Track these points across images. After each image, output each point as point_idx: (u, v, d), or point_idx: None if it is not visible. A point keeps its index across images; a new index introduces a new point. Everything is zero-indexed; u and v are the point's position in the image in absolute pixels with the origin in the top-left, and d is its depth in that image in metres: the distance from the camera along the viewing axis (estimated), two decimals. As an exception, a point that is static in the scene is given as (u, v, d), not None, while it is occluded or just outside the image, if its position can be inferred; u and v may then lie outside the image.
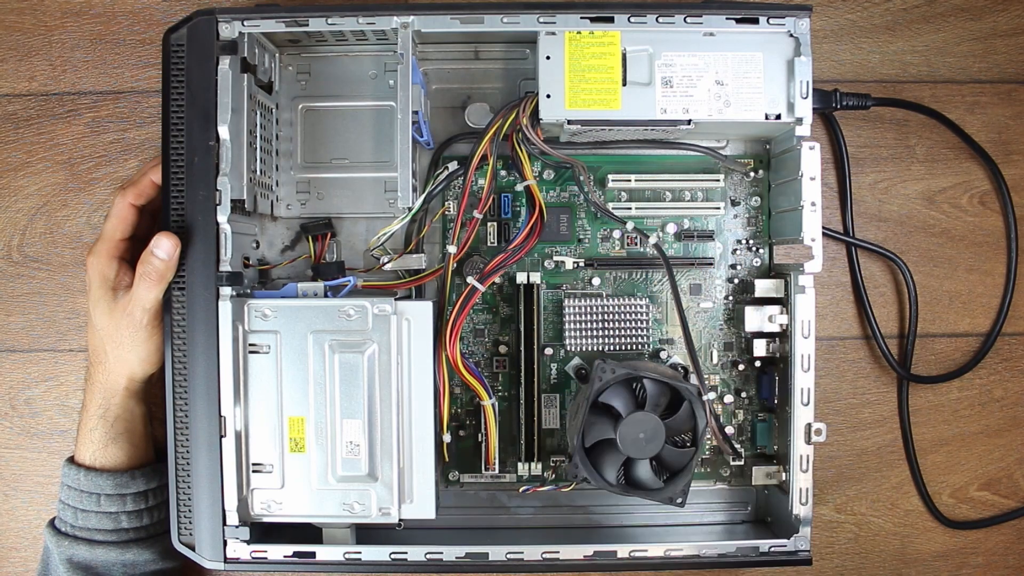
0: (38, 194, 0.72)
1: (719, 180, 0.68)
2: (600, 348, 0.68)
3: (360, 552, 0.61)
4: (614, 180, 0.67)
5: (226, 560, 0.61)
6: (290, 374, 0.60)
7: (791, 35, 0.61)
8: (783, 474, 0.66)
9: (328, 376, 0.60)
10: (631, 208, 0.68)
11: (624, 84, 0.60)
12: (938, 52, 0.72)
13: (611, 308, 0.67)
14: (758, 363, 0.69)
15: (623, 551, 0.62)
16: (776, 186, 0.68)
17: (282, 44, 0.67)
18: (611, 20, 0.60)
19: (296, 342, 0.60)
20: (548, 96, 0.60)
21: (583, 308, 0.67)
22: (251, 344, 0.60)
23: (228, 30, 0.60)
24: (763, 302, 0.66)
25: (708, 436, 0.63)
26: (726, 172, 0.68)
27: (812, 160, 0.61)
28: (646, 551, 0.62)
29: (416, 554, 0.61)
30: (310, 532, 0.63)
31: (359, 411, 0.60)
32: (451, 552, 0.62)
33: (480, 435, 0.67)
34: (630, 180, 0.67)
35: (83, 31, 0.72)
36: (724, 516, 0.71)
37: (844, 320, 0.73)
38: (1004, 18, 0.72)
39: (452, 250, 0.66)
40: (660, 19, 0.60)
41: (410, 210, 0.64)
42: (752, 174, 0.69)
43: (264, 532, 0.62)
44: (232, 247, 0.60)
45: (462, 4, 0.62)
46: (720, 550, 0.63)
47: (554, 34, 0.60)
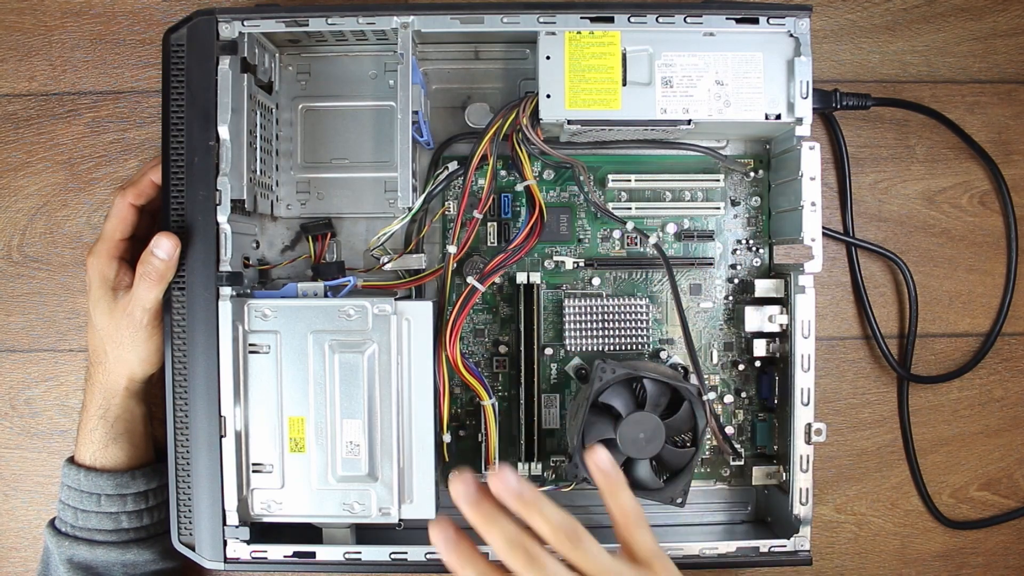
0: (38, 194, 0.72)
1: (719, 180, 0.68)
2: (600, 348, 0.68)
3: (360, 552, 0.61)
4: (614, 180, 0.67)
5: (226, 560, 0.61)
6: (290, 374, 0.60)
7: (791, 35, 0.61)
8: (783, 474, 0.66)
9: (328, 376, 0.60)
10: (631, 208, 0.68)
11: (624, 84, 0.60)
12: (938, 52, 0.72)
13: (611, 308, 0.67)
14: (758, 363, 0.69)
15: (623, 551, 0.62)
16: (776, 186, 0.68)
17: (282, 44, 0.67)
18: (611, 20, 0.60)
19: (296, 342, 0.60)
20: (548, 96, 0.60)
21: (583, 308, 0.67)
22: (251, 344, 0.60)
23: (228, 30, 0.60)
24: (763, 302, 0.66)
25: (708, 436, 0.63)
26: (726, 172, 0.68)
27: (812, 160, 0.61)
28: (646, 551, 0.62)
29: (416, 554, 0.61)
30: (310, 532, 0.63)
31: (359, 411, 0.60)
32: (451, 552, 0.62)
33: (480, 435, 0.67)
34: (630, 180, 0.67)
35: (83, 31, 0.72)
36: (724, 516, 0.71)
37: (844, 320, 0.73)
38: (1004, 18, 0.72)
39: (452, 250, 0.66)
40: (660, 19, 0.60)
41: (410, 210, 0.64)
42: (752, 174, 0.69)
43: (264, 532, 0.62)
44: (232, 247, 0.60)
45: (462, 4, 0.62)
46: (720, 550, 0.63)
47: (554, 34, 0.60)
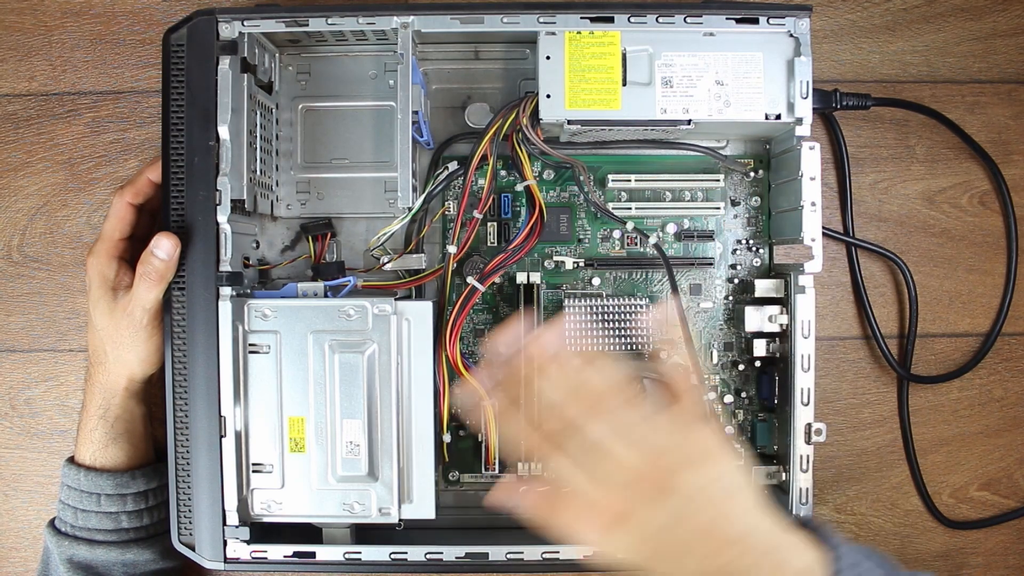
0: (38, 194, 0.72)
1: (719, 180, 0.68)
2: (600, 348, 0.68)
3: (360, 552, 0.61)
4: (614, 180, 0.67)
5: (226, 560, 0.61)
6: (290, 374, 0.60)
7: (791, 35, 0.61)
8: (783, 474, 0.66)
9: (328, 376, 0.60)
10: (631, 208, 0.68)
11: (624, 84, 0.60)
12: (938, 52, 0.72)
13: (611, 308, 0.67)
14: (758, 363, 0.69)
15: (623, 551, 0.62)
16: (776, 186, 0.68)
17: (282, 44, 0.67)
18: (611, 20, 0.60)
19: (296, 342, 0.60)
20: (548, 96, 0.60)
21: (583, 308, 0.67)
22: (251, 344, 0.60)
23: (228, 30, 0.60)
24: (763, 302, 0.66)
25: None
26: (726, 172, 0.68)
27: (812, 160, 0.61)
28: (646, 551, 0.62)
29: (416, 554, 0.61)
30: (310, 532, 0.63)
31: (359, 411, 0.60)
32: (451, 552, 0.62)
33: (480, 435, 0.67)
34: (630, 180, 0.67)
35: (83, 31, 0.72)
36: (724, 516, 0.71)
37: (844, 320, 0.73)
38: (1004, 18, 0.72)
39: (452, 250, 0.66)
40: (660, 19, 0.60)
41: (410, 210, 0.64)
42: (752, 174, 0.69)
43: (264, 532, 0.62)
44: (232, 247, 0.60)
45: (462, 4, 0.62)
46: (720, 550, 0.63)
47: (554, 34, 0.60)
